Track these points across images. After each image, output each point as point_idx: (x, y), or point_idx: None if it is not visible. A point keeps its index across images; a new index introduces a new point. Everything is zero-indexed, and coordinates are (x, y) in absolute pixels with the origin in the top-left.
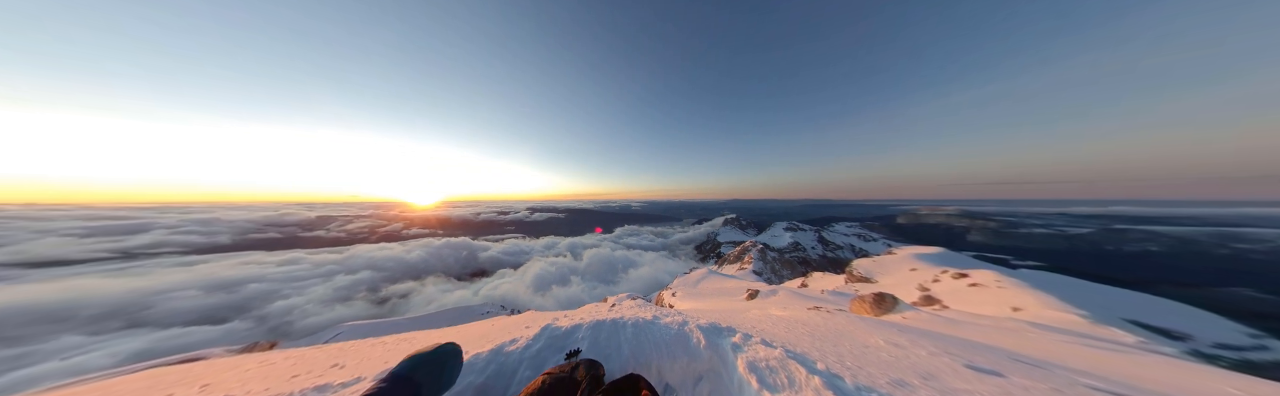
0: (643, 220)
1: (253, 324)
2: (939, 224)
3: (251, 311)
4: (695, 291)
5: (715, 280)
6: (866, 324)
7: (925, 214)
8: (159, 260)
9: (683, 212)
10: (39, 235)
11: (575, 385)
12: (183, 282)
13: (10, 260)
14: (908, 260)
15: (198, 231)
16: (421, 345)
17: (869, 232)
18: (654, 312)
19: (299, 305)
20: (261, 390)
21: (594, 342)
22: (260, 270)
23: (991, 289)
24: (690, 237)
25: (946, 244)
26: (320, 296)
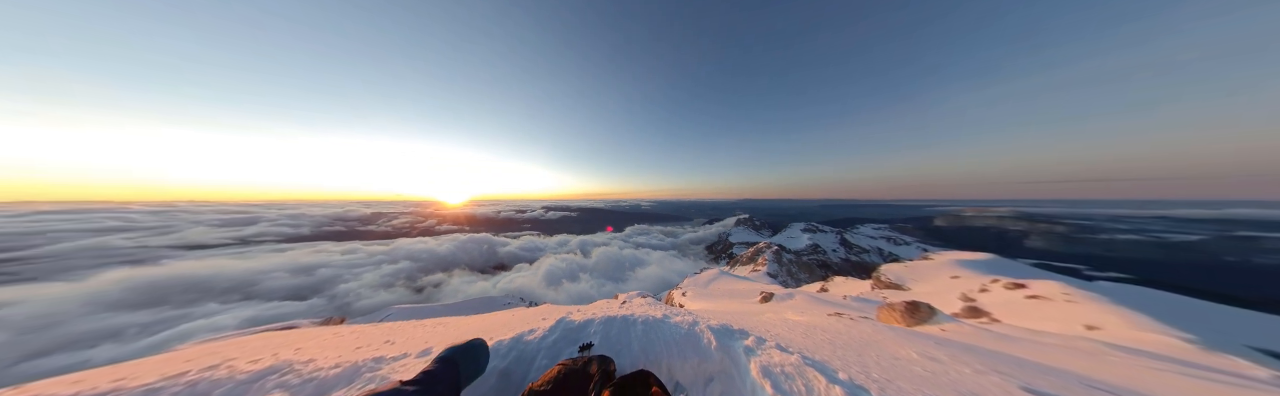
0: (652, 219)
1: (325, 301)
2: (988, 227)
3: (324, 291)
4: (706, 292)
5: (727, 281)
6: (897, 334)
7: (970, 215)
8: (263, 246)
9: (693, 212)
10: (192, 225)
11: (588, 378)
12: (277, 265)
13: (175, 243)
14: (948, 266)
15: (288, 224)
16: (455, 329)
17: (900, 235)
18: (664, 311)
19: (355, 289)
20: (335, 356)
21: (605, 337)
22: (328, 258)
23: (1057, 303)
24: (700, 237)
25: (997, 250)
26: (370, 282)
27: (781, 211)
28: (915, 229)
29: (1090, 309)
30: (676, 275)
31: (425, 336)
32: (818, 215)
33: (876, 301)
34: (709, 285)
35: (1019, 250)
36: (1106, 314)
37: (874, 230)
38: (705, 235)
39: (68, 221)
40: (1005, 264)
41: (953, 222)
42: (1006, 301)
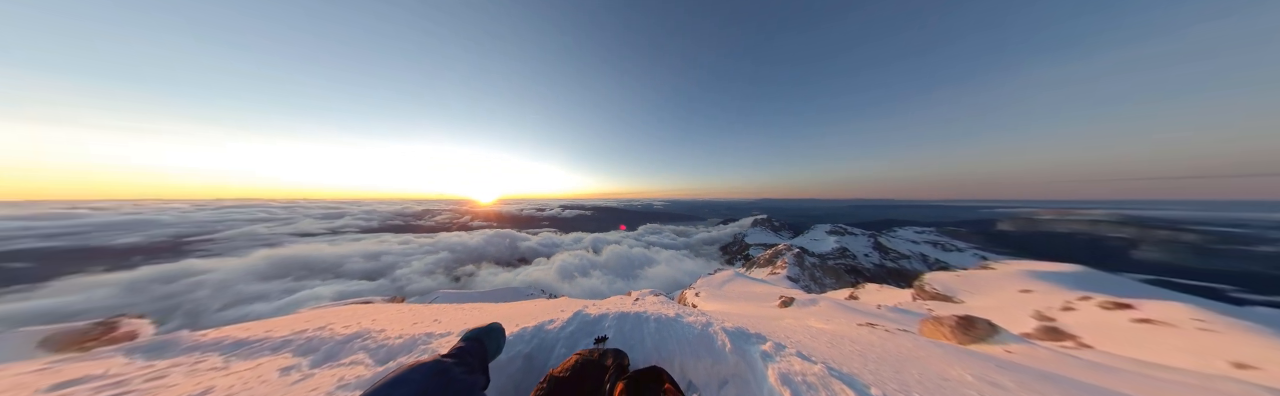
0: (665, 219)
1: (388, 283)
2: (1076, 233)
3: (387, 275)
4: (720, 293)
5: (743, 283)
6: (944, 351)
7: (1049, 219)
8: (346, 236)
9: (707, 212)
10: (303, 217)
11: (603, 369)
12: (355, 251)
13: (293, 231)
14: (1017, 278)
15: (364, 218)
16: (489, 314)
17: (950, 240)
18: (677, 310)
19: (407, 274)
20: (399, 329)
21: (619, 332)
22: (389, 247)
23: (1184, 330)
24: (714, 238)
25: (1090, 261)
26: (418, 269)
27: (803, 212)
28: (971, 233)
29: (1239, 341)
30: (686, 275)
31: (464, 318)
32: (845, 216)
33: (919, 313)
34: (723, 286)
35: (1123, 262)
36: (1267, 349)
37: (916, 234)
38: (719, 235)
39: (237, 213)
40: (1101, 278)
41: (1024, 227)
42: (1103, 324)
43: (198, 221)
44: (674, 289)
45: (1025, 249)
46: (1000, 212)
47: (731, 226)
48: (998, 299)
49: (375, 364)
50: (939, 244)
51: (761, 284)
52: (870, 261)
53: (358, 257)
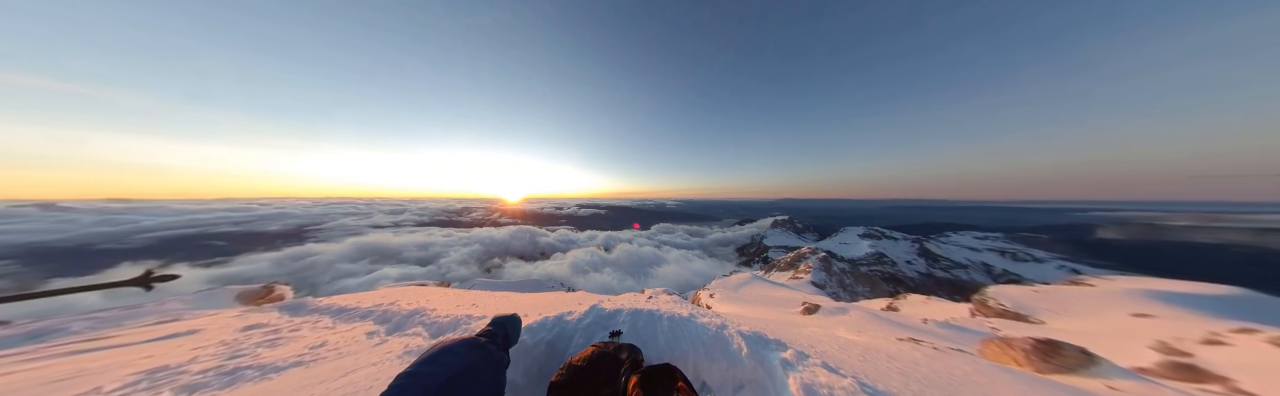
0: (678, 218)
1: (435, 269)
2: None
3: (434, 262)
4: (736, 295)
5: (760, 287)
6: (1014, 379)
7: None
8: (405, 228)
9: (722, 212)
10: (376, 212)
11: (618, 362)
12: (411, 242)
13: (369, 224)
14: (1129, 298)
15: (418, 214)
16: (516, 302)
17: (1025, 249)
18: (690, 311)
19: (448, 263)
20: (445, 310)
21: (633, 328)
22: (435, 239)
23: None
24: (728, 238)
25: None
26: (456, 259)
27: (831, 213)
28: (1056, 241)
29: None
30: (696, 275)
31: (496, 304)
32: (882, 218)
33: (979, 332)
34: (739, 289)
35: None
36: None
37: (977, 240)
38: (735, 236)
39: (335, 208)
40: (1270, 306)
41: (1140, 235)
42: (1271, 366)
43: (313, 214)
44: (684, 288)
45: (1136, 262)
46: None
47: (749, 227)
48: (1097, 322)
49: (429, 336)
50: (1008, 252)
51: (782, 288)
52: (914, 269)
53: (413, 247)
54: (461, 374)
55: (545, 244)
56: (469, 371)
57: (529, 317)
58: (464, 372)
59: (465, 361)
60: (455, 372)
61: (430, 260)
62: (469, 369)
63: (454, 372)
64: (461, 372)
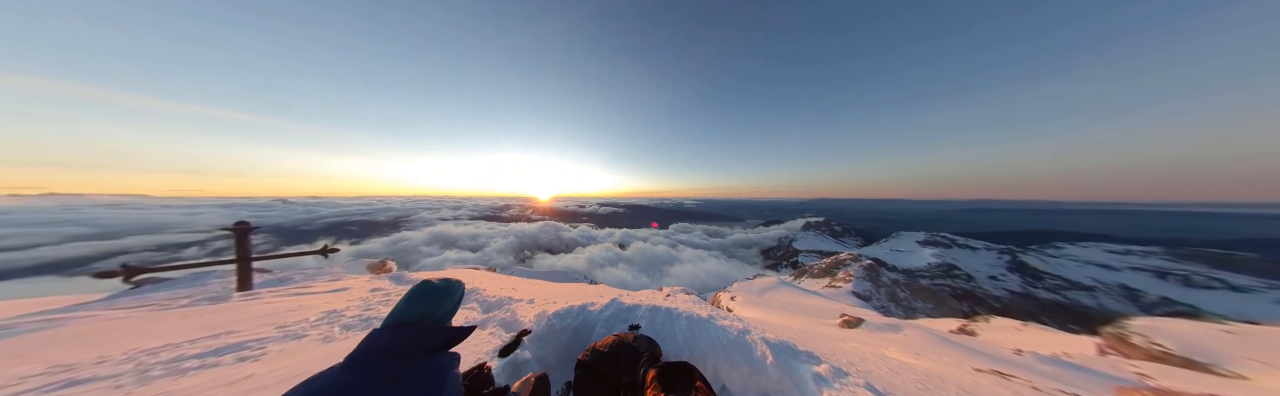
0: (696, 218)
1: (482, 255)
2: None
3: (481, 250)
4: (760, 300)
5: (788, 293)
6: None
7: None
8: (462, 221)
9: (746, 212)
10: (443, 207)
11: (637, 354)
12: (466, 233)
13: (439, 217)
14: None
15: (472, 210)
16: (547, 289)
17: (1211, 271)
18: (709, 312)
19: (489, 251)
20: (493, 290)
21: (651, 324)
22: (482, 231)
23: None
24: (752, 240)
25: None
26: (496, 248)
27: (875, 215)
28: (1270, 262)
29: None
30: (711, 276)
31: (531, 290)
32: (949, 223)
33: (1117, 377)
34: (764, 293)
35: None
36: None
37: (1113, 255)
38: (759, 238)
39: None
40: None
41: None
42: None
43: (405, 209)
44: (699, 289)
45: None
46: None
47: (776, 229)
48: None
49: (482, 311)
50: (1176, 274)
51: (814, 296)
52: (1002, 287)
53: (466, 237)
54: None
55: (568, 239)
56: None
57: (557, 304)
58: None
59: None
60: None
61: (479, 248)
62: None
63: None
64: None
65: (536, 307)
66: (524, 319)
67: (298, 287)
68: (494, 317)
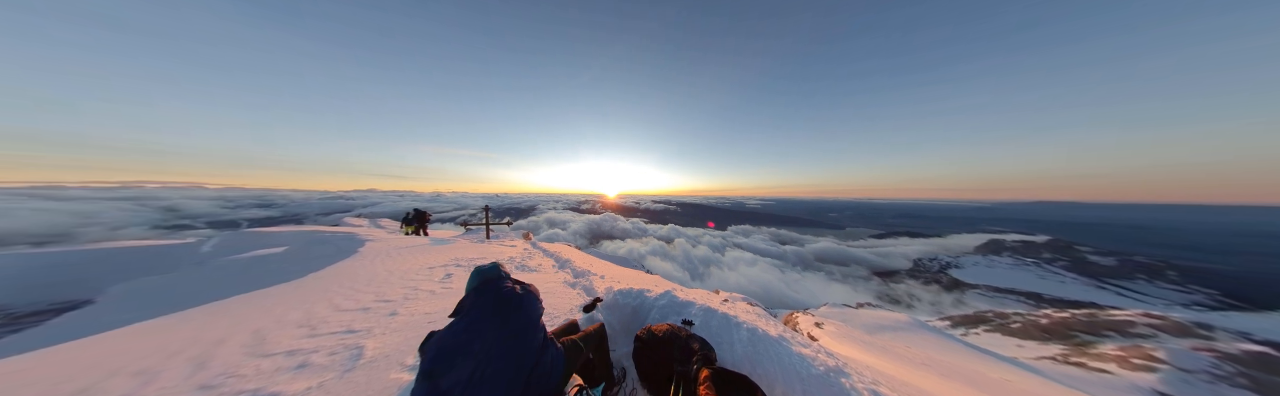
0: (761, 220)
1: (568, 235)
2: None
3: (567, 231)
4: (870, 340)
5: (939, 344)
6: None
7: None
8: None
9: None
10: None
11: (689, 351)
12: (561, 219)
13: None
14: None
15: (565, 203)
16: (613, 269)
17: None
18: (779, 331)
19: (570, 233)
20: (580, 263)
21: (705, 325)
22: (569, 218)
23: None
24: (847, 254)
25: None
26: (573, 231)
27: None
28: None
29: None
30: (760, 287)
31: (602, 268)
32: None
33: None
34: (880, 333)
35: None
36: None
37: None
38: (870, 255)
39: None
40: None
41: None
42: None
43: (532, 201)
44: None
45: None
46: None
47: (906, 243)
48: None
49: (573, 276)
50: None
51: (1017, 369)
52: None
53: (561, 222)
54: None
55: (619, 230)
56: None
57: (621, 284)
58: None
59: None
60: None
61: (566, 229)
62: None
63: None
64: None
65: (606, 282)
66: (598, 289)
67: (499, 242)
68: (578, 283)
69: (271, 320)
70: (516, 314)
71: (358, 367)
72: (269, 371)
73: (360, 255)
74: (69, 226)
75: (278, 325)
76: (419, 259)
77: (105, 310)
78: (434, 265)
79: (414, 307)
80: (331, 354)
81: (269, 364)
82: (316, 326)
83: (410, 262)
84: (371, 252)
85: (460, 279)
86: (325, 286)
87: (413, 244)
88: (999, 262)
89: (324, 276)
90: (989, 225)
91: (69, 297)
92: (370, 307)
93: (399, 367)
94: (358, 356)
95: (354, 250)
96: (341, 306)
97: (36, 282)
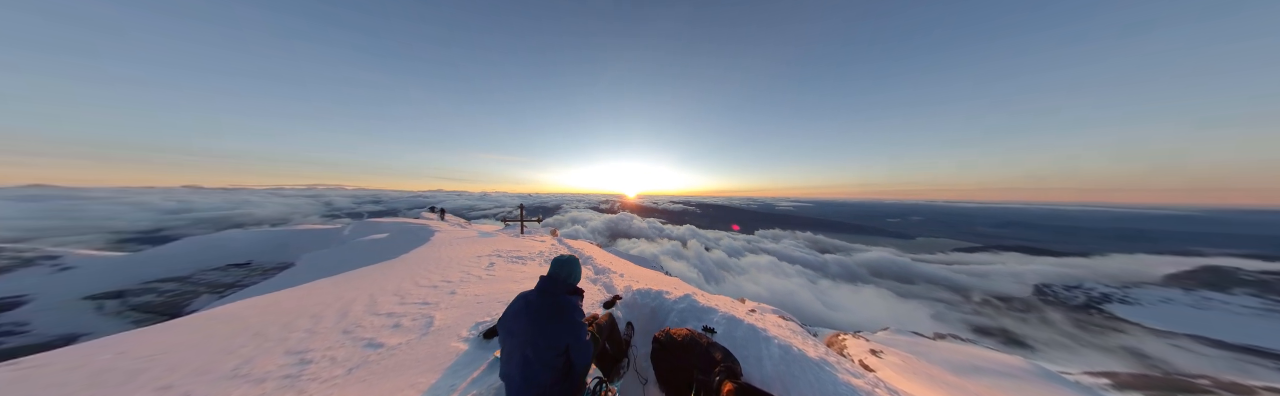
0: (795, 223)
1: (588, 232)
2: None
3: (588, 228)
4: (952, 382)
5: None
6: None
7: None
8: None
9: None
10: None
11: (712, 361)
12: (583, 217)
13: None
14: None
15: (588, 203)
16: (633, 269)
17: None
18: (820, 353)
19: (589, 230)
20: (600, 261)
21: (728, 335)
22: (590, 216)
23: None
24: (909, 270)
25: None
26: (592, 228)
27: None
28: None
29: None
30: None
31: (622, 266)
32: None
33: None
34: (975, 377)
35: None
36: None
37: None
38: (945, 272)
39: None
40: None
41: None
42: None
43: (561, 200)
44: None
45: None
46: None
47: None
48: None
49: (594, 273)
50: None
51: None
52: None
53: (583, 220)
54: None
55: (636, 229)
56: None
57: (640, 283)
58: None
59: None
60: None
61: (586, 226)
62: None
63: None
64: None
65: (625, 281)
66: (618, 286)
67: (531, 237)
68: (599, 280)
69: (378, 288)
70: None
71: (430, 333)
72: (378, 327)
73: (432, 243)
74: (287, 214)
75: (382, 292)
76: (470, 249)
77: (299, 271)
78: (481, 254)
79: (467, 289)
80: (413, 319)
81: (378, 321)
82: (404, 296)
83: (463, 251)
84: (439, 241)
85: (501, 268)
86: (409, 266)
87: (465, 236)
88: (1221, 302)
89: (408, 258)
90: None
91: (283, 260)
92: (437, 286)
93: (456, 338)
94: (430, 324)
95: (427, 238)
96: (419, 283)
97: (270, 249)
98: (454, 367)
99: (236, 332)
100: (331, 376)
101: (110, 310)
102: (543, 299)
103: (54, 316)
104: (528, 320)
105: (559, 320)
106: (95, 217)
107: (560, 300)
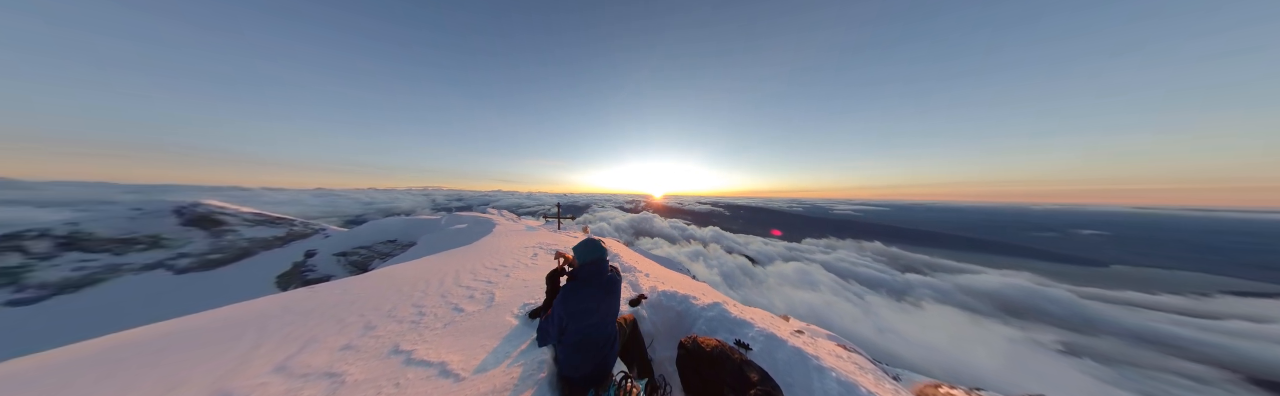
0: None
1: (612, 230)
2: None
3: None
4: None
5: None
6: None
7: None
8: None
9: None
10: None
11: (746, 379)
12: (610, 216)
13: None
14: None
15: (617, 203)
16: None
17: None
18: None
19: (614, 229)
20: (626, 259)
21: (767, 356)
22: (616, 216)
23: None
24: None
25: None
26: (615, 226)
27: None
28: None
29: None
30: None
31: (646, 266)
32: None
33: None
34: None
35: None
36: None
37: None
38: (1178, 331)
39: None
40: None
41: None
42: None
43: (591, 200)
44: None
45: None
46: None
47: None
48: None
49: (623, 268)
50: None
51: None
52: None
53: (610, 218)
54: None
55: (658, 230)
56: None
57: (665, 285)
58: None
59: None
60: None
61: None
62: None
63: None
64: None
65: (650, 281)
66: (643, 286)
67: (566, 232)
68: (624, 277)
69: (461, 266)
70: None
71: (493, 306)
72: (460, 296)
73: (494, 234)
74: (413, 207)
75: (463, 270)
76: (519, 240)
77: (420, 248)
78: (526, 245)
79: (517, 274)
80: (482, 293)
81: (460, 292)
82: (475, 274)
83: (514, 242)
84: (499, 232)
85: (542, 258)
86: (479, 251)
87: (517, 229)
88: None
89: (479, 245)
90: None
91: (412, 239)
92: (497, 269)
93: (510, 313)
94: (492, 299)
95: (491, 230)
96: (486, 265)
97: (406, 230)
98: (509, 337)
99: (390, 287)
100: (434, 327)
101: (342, 263)
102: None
103: (322, 263)
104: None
105: (617, 295)
106: (340, 206)
107: (616, 277)
